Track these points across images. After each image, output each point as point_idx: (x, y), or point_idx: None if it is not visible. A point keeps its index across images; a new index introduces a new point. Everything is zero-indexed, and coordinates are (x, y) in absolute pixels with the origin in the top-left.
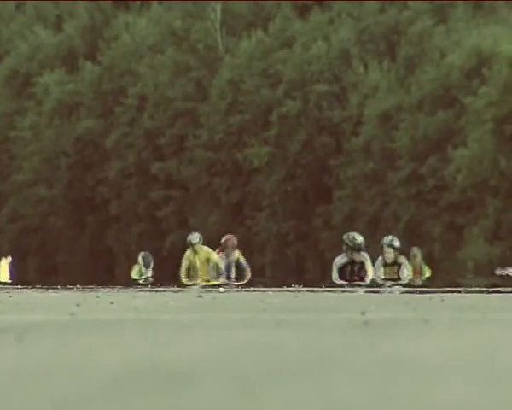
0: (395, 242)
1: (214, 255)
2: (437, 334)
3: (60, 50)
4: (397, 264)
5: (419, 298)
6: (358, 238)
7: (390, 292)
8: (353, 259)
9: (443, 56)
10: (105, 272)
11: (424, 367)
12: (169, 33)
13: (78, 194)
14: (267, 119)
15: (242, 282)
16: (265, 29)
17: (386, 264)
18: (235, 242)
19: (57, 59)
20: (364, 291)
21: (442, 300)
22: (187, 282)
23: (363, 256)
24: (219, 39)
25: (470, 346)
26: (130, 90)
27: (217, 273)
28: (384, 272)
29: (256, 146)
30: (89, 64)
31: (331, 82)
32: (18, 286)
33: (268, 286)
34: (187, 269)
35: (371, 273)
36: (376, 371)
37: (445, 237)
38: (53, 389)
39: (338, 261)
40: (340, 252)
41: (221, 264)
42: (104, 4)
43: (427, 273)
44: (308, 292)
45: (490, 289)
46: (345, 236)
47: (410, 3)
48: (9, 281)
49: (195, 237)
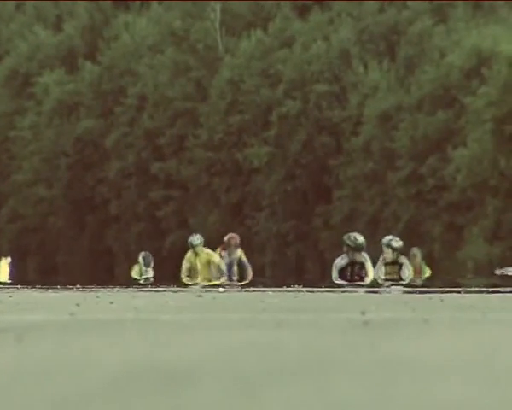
0: (394, 242)
1: (215, 257)
2: (437, 334)
3: (59, 50)
4: (398, 264)
5: (419, 298)
6: (360, 238)
7: (389, 292)
8: (354, 259)
9: (442, 56)
10: (105, 272)
11: (424, 367)
12: (169, 33)
13: (77, 194)
14: (267, 119)
15: (244, 282)
16: (265, 29)
17: (387, 264)
18: (237, 240)
19: (57, 59)
20: (364, 291)
21: (442, 300)
22: (188, 281)
23: (363, 257)
24: (219, 39)
25: (470, 346)
26: (129, 90)
27: (218, 274)
28: (385, 272)
29: (256, 146)
30: (88, 64)
31: (331, 82)
32: (18, 286)
33: (268, 286)
34: (187, 271)
35: (371, 274)
36: (376, 371)
37: (445, 237)
38: (53, 389)
39: (338, 263)
40: (340, 252)
41: (222, 265)
42: (104, 4)
43: (426, 273)
44: (308, 292)
45: (490, 289)
46: (345, 236)
47: (410, 3)
48: (9, 281)
49: (196, 239)
